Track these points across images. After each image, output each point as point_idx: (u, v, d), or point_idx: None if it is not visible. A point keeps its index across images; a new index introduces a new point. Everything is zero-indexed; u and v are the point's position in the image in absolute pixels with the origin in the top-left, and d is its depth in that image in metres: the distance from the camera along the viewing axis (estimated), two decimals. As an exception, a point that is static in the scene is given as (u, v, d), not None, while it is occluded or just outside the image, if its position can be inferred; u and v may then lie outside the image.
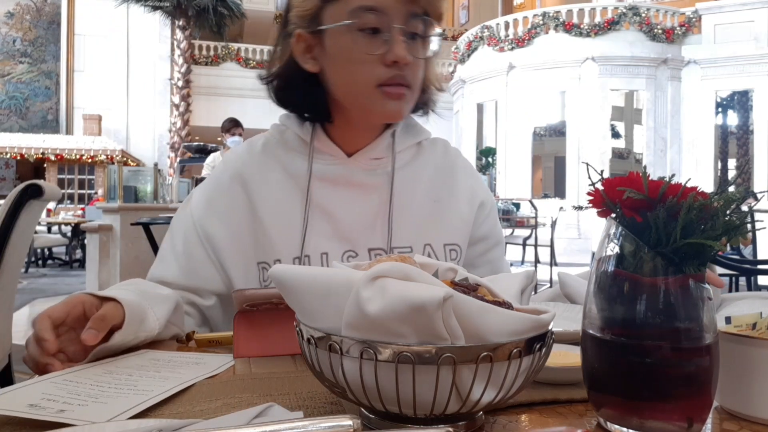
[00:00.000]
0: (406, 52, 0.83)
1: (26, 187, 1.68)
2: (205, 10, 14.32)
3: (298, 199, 0.92)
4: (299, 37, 0.88)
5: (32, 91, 16.25)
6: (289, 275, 0.49)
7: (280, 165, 0.94)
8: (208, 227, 0.92)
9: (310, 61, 0.89)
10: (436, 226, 0.95)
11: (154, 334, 0.75)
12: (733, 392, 0.52)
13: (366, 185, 0.94)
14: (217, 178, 0.96)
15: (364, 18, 0.82)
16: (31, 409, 0.50)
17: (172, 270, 0.93)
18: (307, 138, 0.94)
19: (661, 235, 0.46)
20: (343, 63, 0.86)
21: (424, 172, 0.98)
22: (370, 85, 0.85)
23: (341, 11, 0.83)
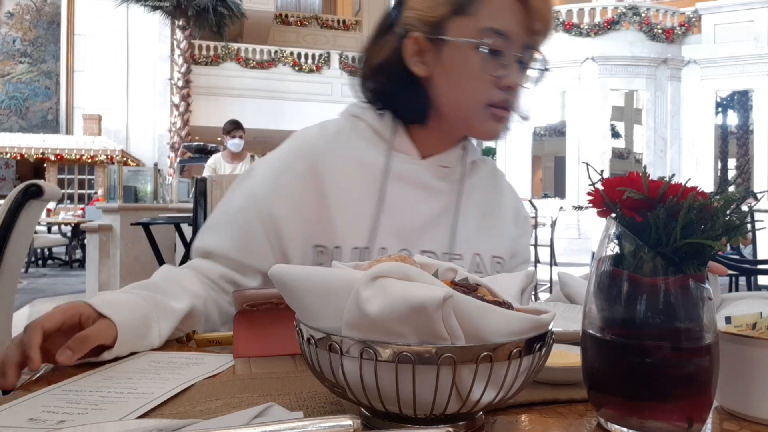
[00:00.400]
0: (519, 79, 0.89)
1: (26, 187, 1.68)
2: (205, 10, 14.32)
3: (367, 190, 0.92)
4: (414, 39, 0.89)
5: (32, 91, 16.25)
6: (289, 275, 0.49)
7: (352, 154, 0.94)
8: (273, 207, 0.90)
9: (420, 65, 0.90)
10: (486, 238, 0.99)
11: (154, 347, 0.74)
12: (733, 392, 0.52)
13: (433, 189, 0.96)
14: (287, 156, 0.94)
15: (493, 39, 0.85)
16: (32, 423, 0.49)
17: (224, 242, 0.91)
18: (384, 133, 0.95)
19: (661, 235, 0.46)
20: (460, 76, 0.88)
21: (478, 187, 1.02)
22: (481, 103, 0.88)
23: (469, 27, 0.86)
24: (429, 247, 0.93)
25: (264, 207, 0.91)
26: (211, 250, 0.92)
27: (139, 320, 0.72)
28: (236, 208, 0.93)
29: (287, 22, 20.05)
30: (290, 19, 20.16)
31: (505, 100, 0.88)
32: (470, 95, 0.89)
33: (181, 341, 0.80)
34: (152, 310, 0.75)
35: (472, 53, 0.86)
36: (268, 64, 16.34)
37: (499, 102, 0.88)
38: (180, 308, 0.80)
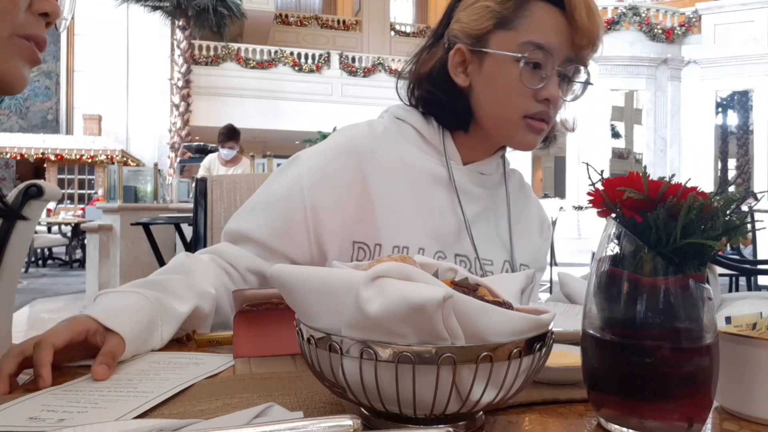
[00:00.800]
0: (559, 93, 0.90)
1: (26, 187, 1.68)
2: (205, 10, 14.32)
3: (411, 191, 0.94)
4: (458, 50, 0.93)
5: (32, 91, 16.24)
6: (289, 275, 0.49)
7: (399, 155, 0.96)
8: (317, 197, 0.91)
9: (462, 75, 0.93)
10: (516, 245, 1.01)
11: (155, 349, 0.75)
12: (733, 392, 0.52)
13: (472, 195, 0.98)
14: (336, 148, 0.95)
15: (532, 53, 0.87)
16: (32, 422, 0.49)
17: (262, 226, 0.92)
18: (434, 138, 0.97)
19: (661, 235, 0.46)
20: (498, 88, 0.91)
21: (511, 196, 1.04)
22: (518, 114, 0.90)
23: (510, 41, 0.89)
24: (462, 251, 0.95)
25: (309, 197, 0.91)
26: (245, 233, 0.92)
27: (144, 327, 0.72)
28: (279, 194, 0.93)
29: (287, 22, 20.06)
30: (290, 19, 20.16)
31: (542, 112, 0.90)
32: (507, 106, 0.91)
33: (181, 341, 0.80)
34: (156, 313, 0.75)
35: (512, 65, 0.88)
36: (268, 64, 16.34)
37: (536, 114, 0.90)
38: (183, 311, 0.80)
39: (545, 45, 0.87)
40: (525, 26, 0.88)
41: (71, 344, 0.66)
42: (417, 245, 0.91)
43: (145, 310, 0.74)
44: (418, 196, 0.94)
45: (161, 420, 0.48)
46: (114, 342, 0.68)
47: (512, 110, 0.90)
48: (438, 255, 0.92)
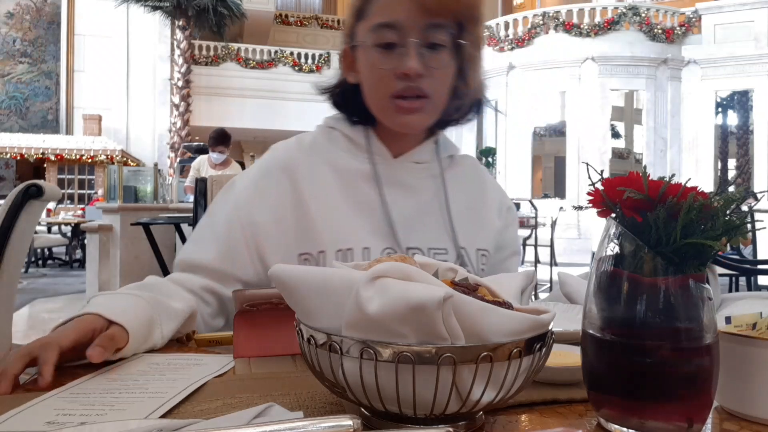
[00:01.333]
0: (418, 63, 0.86)
1: (26, 187, 1.68)
2: (205, 10, 14.31)
3: (345, 194, 0.95)
4: (345, 52, 0.97)
5: (32, 91, 16.24)
6: (289, 275, 0.49)
7: (328, 162, 0.97)
8: (253, 214, 0.93)
9: (352, 74, 0.96)
10: (470, 232, 0.99)
11: (155, 348, 0.76)
12: (734, 392, 0.52)
13: (411, 186, 0.98)
14: (266, 168, 0.98)
15: (381, 34, 0.88)
16: (50, 426, 0.49)
17: (209, 253, 0.93)
18: (358, 139, 0.98)
19: (661, 235, 0.46)
20: (367, 76, 0.92)
21: (460, 181, 1.03)
22: (385, 96, 0.90)
23: (365, 28, 0.90)
24: (413, 243, 0.94)
25: (245, 214, 0.93)
26: (194, 261, 0.93)
27: (145, 324, 0.73)
28: (218, 218, 0.95)
29: (287, 22, 20.04)
30: (290, 19, 20.15)
31: (407, 88, 0.88)
32: (375, 92, 0.92)
33: (181, 341, 0.80)
34: (155, 311, 0.76)
35: (370, 52, 0.89)
36: (268, 64, 16.33)
37: (401, 92, 0.88)
38: (181, 308, 0.81)
39: (392, 22, 0.87)
40: (374, 11, 0.89)
41: (77, 344, 0.67)
42: (361, 245, 0.92)
43: (143, 309, 0.74)
44: (351, 197, 0.95)
45: (161, 420, 0.48)
46: (116, 330, 0.69)
47: (379, 93, 0.91)
48: (387, 251, 0.92)
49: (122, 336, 0.69)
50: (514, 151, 13.78)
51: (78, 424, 0.49)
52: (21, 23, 16.21)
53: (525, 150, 13.77)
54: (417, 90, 0.88)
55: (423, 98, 0.89)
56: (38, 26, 16.28)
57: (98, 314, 0.70)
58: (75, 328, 0.68)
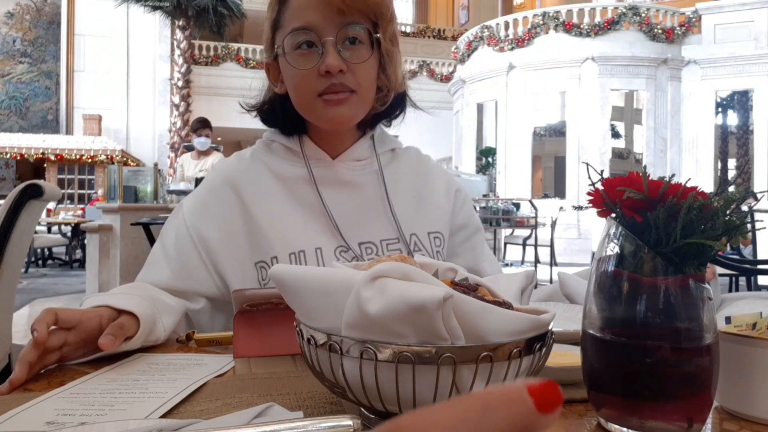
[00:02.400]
0: (338, 60, 0.89)
1: (26, 187, 1.68)
2: (205, 10, 14.31)
3: (289, 199, 0.97)
4: (268, 66, 0.99)
5: (32, 91, 16.24)
6: (289, 275, 0.49)
7: (268, 170, 1.00)
8: (202, 230, 0.95)
9: (279, 84, 0.98)
10: (419, 218, 1.02)
11: (158, 343, 0.78)
12: (734, 392, 0.52)
13: (353, 183, 1.00)
14: (210, 184, 1.00)
15: (297, 37, 0.90)
16: (50, 426, 0.49)
17: (164, 274, 0.94)
18: (294, 146, 1.01)
19: (661, 235, 0.46)
20: (290, 81, 0.94)
21: (403, 173, 1.06)
22: (311, 96, 0.92)
23: (282, 36, 0.92)
24: (365, 238, 0.97)
25: (194, 233, 0.95)
26: (154, 284, 0.94)
27: (149, 314, 0.75)
28: (170, 240, 0.97)
29: (287, 22, 20.04)
30: (290, 19, 20.14)
31: (331, 85, 0.90)
32: (301, 94, 0.93)
33: (181, 341, 0.80)
34: (153, 306, 0.78)
35: (290, 56, 0.91)
36: (268, 64, 16.33)
37: (326, 89, 0.91)
38: (175, 304, 0.85)
39: (306, 25, 0.89)
40: (288, 19, 0.92)
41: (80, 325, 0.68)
42: (312, 245, 0.94)
43: (143, 302, 0.77)
44: (294, 201, 0.97)
45: (161, 420, 0.48)
46: (125, 319, 0.71)
47: (305, 94, 0.93)
48: (340, 249, 0.95)
49: (131, 324, 0.71)
50: (514, 151, 13.77)
51: (78, 424, 0.49)
52: (21, 23, 16.21)
53: (525, 150, 13.77)
54: (341, 86, 0.90)
55: (348, 92, 0.91)
56: (38, 26, 16.28)
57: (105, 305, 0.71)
58: (81, 311, 0.71)
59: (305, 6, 0.89)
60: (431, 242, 1.02)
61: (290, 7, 0.91)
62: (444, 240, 1.04)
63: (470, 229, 1.11)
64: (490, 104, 14.70)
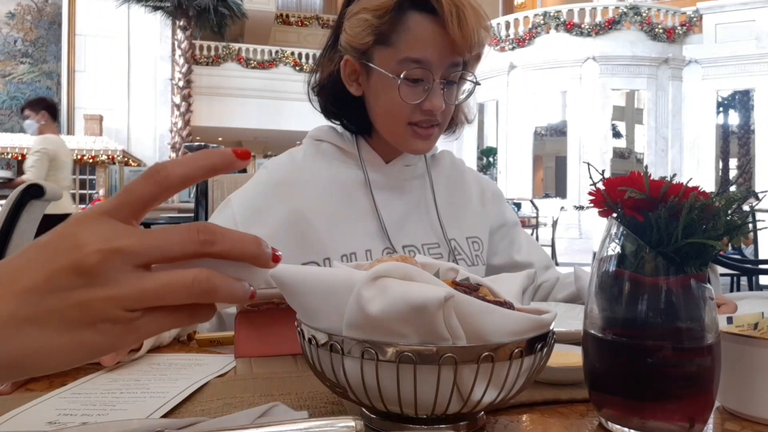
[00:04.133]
0: (443, 102, 0.92)
1: (27, 188, 1.69)
2: (205, 10, 14.31)
3: (343, 201, 0.99)
4: (347, 62, 0.97)
5: (33, 92, 16.24)
6: (290, 275, 0.49)
7: (321, 172, 1.01)
8: (252, 228, 0.94)
9: (355, 84, 0.98)
10: (456, 223, 1.06)
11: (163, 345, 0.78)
12: (735, 392, 0.52)
13: (403, 188, 1.04)
14: (261, 183, 1.00)
15: (410, 69, 0.90)
16: (51, 426, 0.49)
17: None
18: (350, 148, 1.02)
19: (662, 234, 0.46)
20: (384, 101, 0.94)
21: (440, 179, 1.09)
22: (403, 123, 0.94)
23: (390, 57, 0.91)
24: (407, 241, 1.00)
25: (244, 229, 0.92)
26: None
27: None
28: None
29: (288, 22, 20.04)
30: (291, 19, 20.14)
31: (426, 120, 0.94)
32: (392, 117, 0.95)
33: (183, 341, 0.80)
34: None
35: (393, 81, 0.91)
36: (269, 64, 16.33)
37: (420, 122, 0.94)
38: None
39: (423, 60, 0.89)
40: (402, 42, 0.90)
41: None
42: (363, 248, 0.96)
43: None
44: (348, 205, 0.99)
45: (163, 419, 0.48)
46: None
47: (397, 121, 0.94)
48: (386, 251, 0.97)
49: None
50: (515, 150, 13.77)
51: (79, 423, 0.49)
52: (22, 23, 16.22)
53: (526, 150, 13.76)
54: (434, 121, 0.94)
55: (435, 126, 0.96)
56: (39, 26, 16.29)
57: None
58: None
59: (426, 39, 0.89)
60: (470, 246, 1.05)
61: (408, 31, 0.90)
62: (482, 244, 1.07)
63: (509, 225, 1.14)
64: (491, 104, 14.70)
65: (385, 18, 0.90)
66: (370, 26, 0.91)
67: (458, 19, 0.87)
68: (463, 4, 0.88)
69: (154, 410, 0.52)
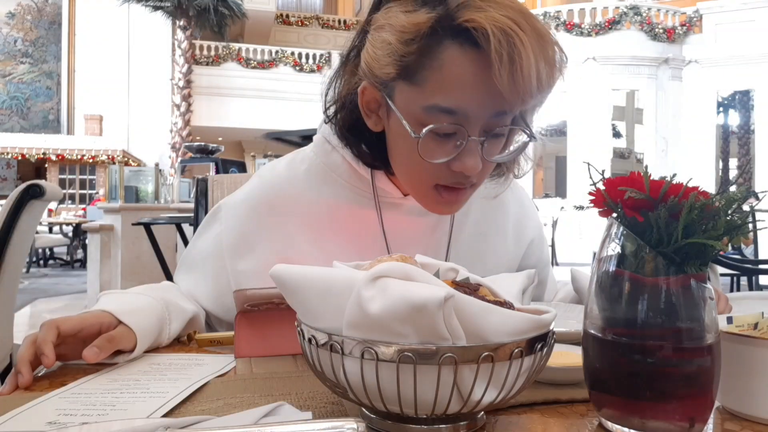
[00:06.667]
0: (479, 162, 0.71)
1: (27, 187, 1.68)
2: (206, 10, 14.31)
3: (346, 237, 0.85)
4: (365, 90, 0.75)
5: (33, 92, 16.25)
6: (290, 275, 0.49)
7: (324, 196, 0.84)
8: (238, 262, 0.84)
9: (374, 117, 0.77)
10: (482, 260, 0.90)
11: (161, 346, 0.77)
12: (735, 392, 0.52)
13: (420, 226, 0.87)
14: (253, 204, 0.86)
15: (440, 121, 0.68)
16: (51, 426, 0.49)
17: (203, 293, 0.88)
18: (363, 171, 0.83)
19: (662, 234, 0.46)
20: (405, 152, 0.74)
21: (473, 207, 0.91)
22: (428, 183, 0.75)
23: (415, 100, 0.69)
24: None
25: (230, 263, 0.85)
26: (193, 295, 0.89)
27: (154, 324, 0.74)
28: (206, 252, 0.89)
29: (288, 22, 20.04)
30: (291, 19, 20.15)
31: (457, 182, 0.74)
32: (414, 174, 0.76)
33: (183, 341, 0.80)
34: (164, 311, 0.77)
35: (423, 140, 0.69)
36: (269, 64, 16.33)
37: (449, 185, 0.74)
38: (189, 308, 0.84)
39: (455, 108, 0.67)
40: (432, 83, 0.68)
41: (81, 335, 0.68)
42: None
43: (154, 310, 0.76)
44: (352, 240, 0.84)
45: (165, 418, 0.48)
46: (122, 332, 0.69)
47: (421, 179, 0.75)
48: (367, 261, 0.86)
49: (125, 337, 0.69)
50: (515, 150, 13.74)
51: (79, 424, 0.49)
52: (22, 23, 16.22)
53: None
54: (466, 183, 0.74)
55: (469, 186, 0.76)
56: (39, 26, 16.29)
57: (109, 311, 0.71)
58: (81, 317, 0.70)
59: (464, 83, 0.67)
60: None
61: (442, 70, 0.67)
62: None
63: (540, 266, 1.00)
64: (491, 104, 14.67)
65: (413, 47, 0.67)
66: (393, 53, 0.68)
67: (510, 67, 0.63)
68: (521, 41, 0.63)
69: (154, 410, 0.52)
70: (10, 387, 0.62)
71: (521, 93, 0.65)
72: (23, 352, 0.64)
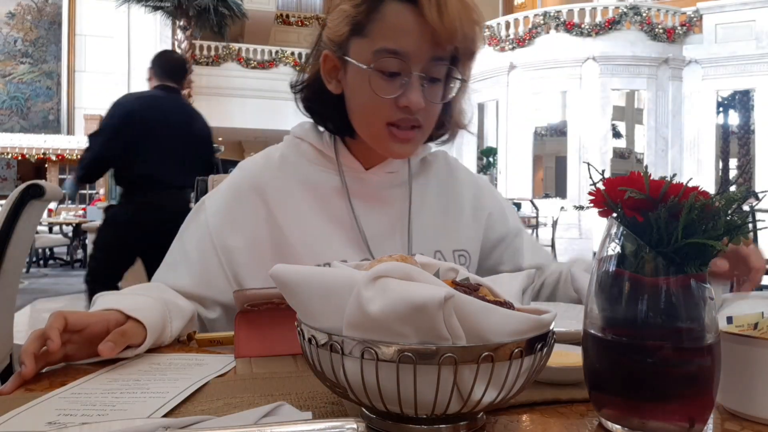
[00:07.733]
0: (422, 98, 0.84)
1: (27, 187, 1.68)
2: (205, 10, 14.31)
3: (318, 209, 0.94)
4: (326, 57, 0.90)
5: (33, 92, 16.25)
6: (290, 275, 0.49)
7: (298, 177, 0.96)
8: (226, 238, 0.91)
9: (334, 82, 0.91)
10: (445, 234, 1.00)
11: (164, 345, 0.78)
12: (735, 392, 0.52)
13: (383, 197, 0.97)
14: (236, 188, 0.95)
15: (384, 61, 0.83)
16: (51, 426, 0.49)
17: (184, 279, 0.91)
18: (328, 151, 0.96)
19: (662, 234, 0.46)
20: (359, 97, 0.88)
21: (431, 184, 1.02)
22: (380, 123, 0.87)
23: (365, 48, 0.85)
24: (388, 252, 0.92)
25: (217, 240, 0.91)
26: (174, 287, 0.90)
27: (159, 321, 0.75)
28: (191, 243, 0.93)
29: (288, 22, 20.05)
30: (291, 19, 20.15)
31: (405, 119, 0.86)
32: (369, 116, 0.88)
33: (183, 341, 0.81)
34: (165, 310, 0.78)
35: (368, 74, 0.84)
36: (269, 64, 16.34)
37: (398, 121, 0.86)
38: (187, 307, 0.84)
39: (398, 50, 0.82)
40: (377, 31, 0.84)
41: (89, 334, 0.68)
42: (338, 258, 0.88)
43: (155, 308, 0.76)
44: (324, 212, 0.93)
45: (165, 418, 0.48)
46: (131, 325, 0.70)
47: (374, 119, 0.88)
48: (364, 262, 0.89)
49: (136, 332, 0.70)
50: (515, 151, 13.76)
51: (79, 424, 0.49)
52: (22, 23, 16.22)
53: (526, 150, 13.76)
54: (414, 121, 0.87)
55: (416, 128, 0.88)
56: (39, 26, 16.29)
57: (116, 309, 0.71)
58: (89, 314, 0.71)
59: (402, 28, 0.82)
60: (456, 260, 0.98)
61: (384, 20, 0.83)
62: (470, 259, 1.01)
63: (510, 236, 1.08)
64: (491, 104, 14.70)
65: (362, 7, 0.84)
66: (347, 16, 0.85)
67: (438, 7, 0.80)
68: None
69: (154, 410, 0.52)
70: (13, 385, 0.62)
71: (450, 32, 0.81)
72: (28, 345, 0.64)
